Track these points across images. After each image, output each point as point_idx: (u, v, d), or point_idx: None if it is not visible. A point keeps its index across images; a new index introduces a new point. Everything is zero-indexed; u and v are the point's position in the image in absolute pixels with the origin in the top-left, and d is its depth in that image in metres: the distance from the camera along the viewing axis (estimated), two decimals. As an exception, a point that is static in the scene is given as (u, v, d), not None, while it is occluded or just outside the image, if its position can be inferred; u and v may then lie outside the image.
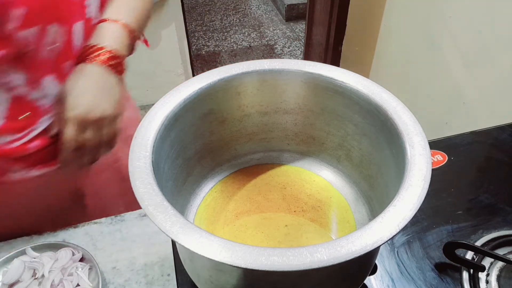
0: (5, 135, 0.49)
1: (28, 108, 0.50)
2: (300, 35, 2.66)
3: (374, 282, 0.49)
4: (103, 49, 0.53)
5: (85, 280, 0.47)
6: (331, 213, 0.47)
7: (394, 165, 0.38)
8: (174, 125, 0.40)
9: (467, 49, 1.11)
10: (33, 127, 0.51)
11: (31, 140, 0.51)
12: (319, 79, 0.44)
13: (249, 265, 0.26)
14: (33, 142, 0.51)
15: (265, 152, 0.53)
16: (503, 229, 0.54)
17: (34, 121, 0.51)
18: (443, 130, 1.26)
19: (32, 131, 0.51)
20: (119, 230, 0.56)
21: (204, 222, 0.46)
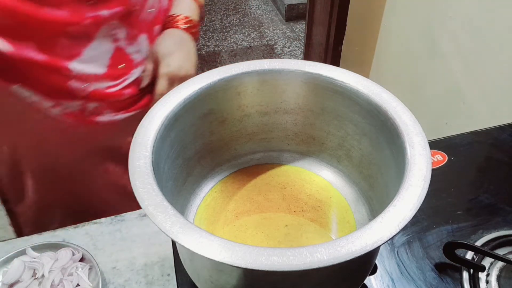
0: (106, 81, 0.57)
1: (124, 59, 0.58)
2: (300, 35, 2.66)
3: (374, 282, 0.49)
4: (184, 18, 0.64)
5: (85, 280, 0.47)
6: (331, 213, 0.47)
7: (394, 165, 0.38)
8: (174, 125, 0.40)
9: (467, 49, 1.11)
10: (126, 76, 0.59)
11: (125, 87, 0.59)
12: (319, 79, 0.44)
13: (249, 265, 0.26)
14: (126, 89, 0.60)
15: (265, 152, 0.53)
16: (503, 229, 0.54)
17: (128, 71, 0.59)
18: (443, 130, 1.26)
19: (125, 80, 0.59)
20: (119, 230, 0.56)
21: (204, 222, 0.46)
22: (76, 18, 0.50)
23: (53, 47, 0.51)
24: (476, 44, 1.07)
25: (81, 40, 0.52)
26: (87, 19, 0.50)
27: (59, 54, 0.51)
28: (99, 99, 0.57)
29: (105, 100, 0.58)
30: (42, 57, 0.50)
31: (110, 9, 0.52)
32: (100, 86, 0.57)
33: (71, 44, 0.52)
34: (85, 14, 0.50)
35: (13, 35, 0.48)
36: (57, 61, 0.52)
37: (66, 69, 0.52)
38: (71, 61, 0.52)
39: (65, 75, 0.53)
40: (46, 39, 0.50)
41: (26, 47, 0.49)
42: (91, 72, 0.55)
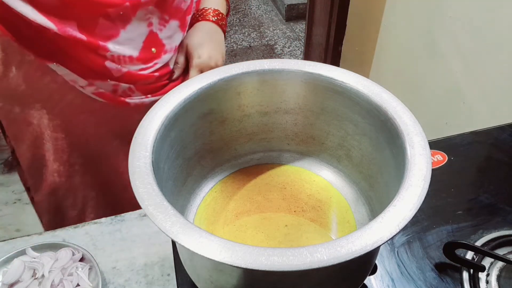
0: (139, 63, 0.59)
1: (157, 43, 0.60)
2: (300, 35, 2.66)
3: (374, 282, 0.49)
4: (214, 11, 0.67)
5: (85, 280, 0.47)
6: (331, 213, 0.47)
7: (394, 165, 0.38)
8: (174, 125, 0.40)
9: (467, 49, 1.11)
10: (157, 60, 0.61)
11: (155, 71, 0.62)
12: (319, 79, 0.44)
13: (249, 265, 0.26)
14: (156, 73, 0.62)
15: (265, 152, 0.53)
16: (503, 229, 0.54)
17: (158, 55, 0.61)
18: (443, 130, 1.26)
19: (156, 64, 0.61)
20: (119, 230, 0.56)
21: (204, 222, 0.46)
22: (117, 0, 0.52)
23: (93, 27, 0.53)
24: (476, 44, 1.07)
25: (119, 22, 0.54)
26: (126, 1, 0.53)
27: (98, 34, 0.54)
28: (131, 81, 0.60)
29: (136, 82, 0.60)
30: (83, 36, 0.53)
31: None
32: (133, 68, 0.59)
33: (109, 25, 0.54)
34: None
35: (57, 14, 0.50)
36: (96, 41, 0.54)
37: (104, 49, 0.55)
38: (109, 41, 0.55)
39: (103, 55, 0.55)
40: (87, 19, 0.52)
41: (69, 25, 0.51)
42: (126, 54, 0.57)
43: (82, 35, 0.53)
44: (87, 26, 0.53)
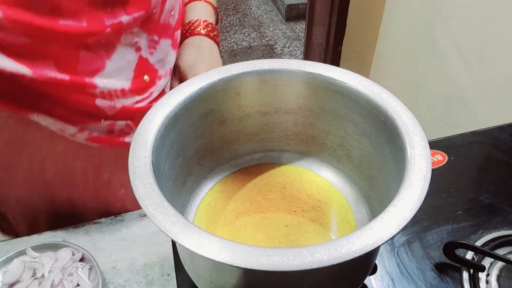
0: (133, 95, 0.53)
1: (148, 70, 0.54)
2: (300, 35, 2.66)
3: (374, 282, 0.49)
4: (204, 23, 0.61)
5: (85, 280, 0.47)
6: (331, 213, 0.47)
7: (394, 165, 0.38)
8: (174, 125, 0.40)
9: (467, 49, 1.11)
10: (152, 88, 0.55)
11: (153, 101, 0.55)
12: (319, 79, 0.44)
13: (249, 265, 0.26)
14: (154, 102, 0.54)
15: (265, 152, 0.53)
16: (503, 229, 0.54)
17: (153, 83, 0.55)
18: (443, 130, 1.26)
19: (152, 93, 0.55)
20: (119, 230, 0.56)
21: (204, 222, 0.46)
22: (95, 27, 0.46)
23: (75, 64, 0.46)
24: (476, 44, 1.07)
25: (103, 52, 0.48)
26: (107, 27, 0.47)
27: (82, 70, 0.47)
28: (127, 117, 0.53)
29: (134, 117, 0.54)
30: (64, 76, 0.46)
31: (129, 14, 0.48)
32: (127, 102, 0.52)
33: (93, 58, 0.48)
34: (105, 22, 0.46)
35: (30, 55, 0.44)
36: (81, 78, 0.47)
37: (91, 86, 0.48)
38: (95, 76, 0.48)
39: (91, 94, 0.48)
40: (66, 55, 0.46)
41: (46, 66, 0.44)
42: (117, 87, 0.50)
43: (63, 75, 0.45)
44: (66, 63, 0.46)
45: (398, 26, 1.37)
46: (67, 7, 0.43)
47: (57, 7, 0.43)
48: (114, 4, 0.47)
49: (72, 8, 0.44)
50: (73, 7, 0.44)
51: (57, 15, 0.43)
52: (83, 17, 0.45)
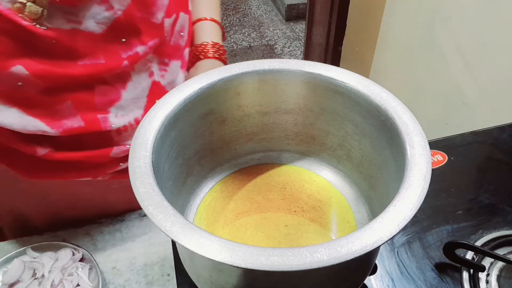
0: None
1: (160, 93, 0.52)
2: (300, 35, 2.66)
3: (374, 282, 0.49)
4: (213, 45, 0.60)
5: (85, 280, 0.47)
6: (331, 213, 0.47)
7: (394, 165, 0.38)
8: (174, 125, 0.40)
9: (467, 49, 1.11)
10: None
11: None
12: (319, 79, 0.44)
13: (249, 265, 0.26)
14: None
15: (265, 152, 0.53)
16: (503, 229, 0.54)
17: None
18: (443, 130, 1.26)
19: None
20: (119, 230, 0.56)
21: (204, 222, 0.46)
22: (113, 62, 0.46)
23: (91, 98, 0.47)
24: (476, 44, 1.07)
25: (119, 83, 0.48)
26: (123, 60, 0.47)
27: (98, 103, 0.47)
28: None
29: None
30: (80, 123, 0.46)
31: (145, 44, 0.48)
32: None
33: (108, 90, 0.48)
34: (121, 55, 0.47)
35: (49, 104, 0.44)
36: (95, 120, 0.47)
37: (105, 125, 0.48)
38: (111, 107, 0.48)
39: (107, 138, 0.49)
40: (82, 92, 0.46)
41: (63, 111, 0.45)
42: (130, 119, 0.50)
43: (79, 120, 0.46)
44: (83, 99, 0.46)
45: (398, 26, 1.37)
46: (83, 47, 0.44)
47: (74, 50, 0.43)
48: (128, 34, 0.47)
49: (88, 47, 0.44)
50: (88, 45, 0.44)
51: (75, 57, 0.44)
52: (100, 53, 0.45)
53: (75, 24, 0.42)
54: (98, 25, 0.43)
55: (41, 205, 0.57)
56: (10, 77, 0.41)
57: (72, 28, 0.42)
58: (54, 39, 0.41)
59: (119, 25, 0.45)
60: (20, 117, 0.43)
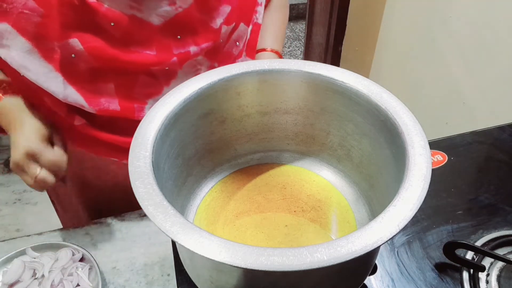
0: None
1: None
2: (300, 35, 2.66)
3: (374, 282, 0.49)
4: (270, 53, 0.61)
5: (85, 280, 0.47)
6: (331, 213, 0.47)
7: (394, 165, 0.38)
8: (174, 125, 0.40)
9: (467, 49, 1.11)
10: None
11: None
12: (319, 79, 0.44)
13: (249, 265, 0.26)
14: None
15: (265, 152, 0.53)
16: (503, 229, 0.54)
17: None
18: (443, 130, 1.26)
19: None
20: (119, 230, 0.56)
21: (204, 222, 0.46)
22: (163, 57, 0.48)
23: (131, 87, 0.49)
24: (476, 44, 1.07)
25: (163, 79, 0.50)
26: (173, 56, 0.48)
27: (137, 93, 0.49)
28: None
29: None
30: (116, 107, 0.49)
31: (198, 45, 0.49)
32: None
33: (151, 83, 0.49)
34: (173, 51, 0.48)
35: (92, 80, 0.47)
36: (131, 108, 0.50)
37: (139, 115, 0.51)
38: (149, 99, 0.50)
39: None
40: (125, 79, 0.48)
41: (104, 91, 0.48)
42: None
43: (115, 104, 0.49)
44: (124, 86, 0.49)
45: (398, 26, 1.37)
46: (138, 35, 0.46)
47: (130, 36, 0.45)
48: (184, 32, 0.48)
49: (143, 36, 0.46)
50: (144, 34, 0.46)
51: (129, 43, 0.46)
52: (154, 44, 0.47)
53: (136, 11, 0.44)
54: (158, 17, 0.45)
55: (76, 169, 0.60)
56: (66, 48, 0.43)
57: (132, 14, 0.44)
58: (113, 21, 0.43)
59: (177, 22, 0.46)
60: (64, 87, 0.46)
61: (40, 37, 0.43)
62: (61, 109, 0.49)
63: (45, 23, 0.42)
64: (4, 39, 0.42)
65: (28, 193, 1.53)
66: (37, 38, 0.43)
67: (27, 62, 0.44)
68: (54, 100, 0.47)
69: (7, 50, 0.43)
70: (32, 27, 0.42)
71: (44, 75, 0.45)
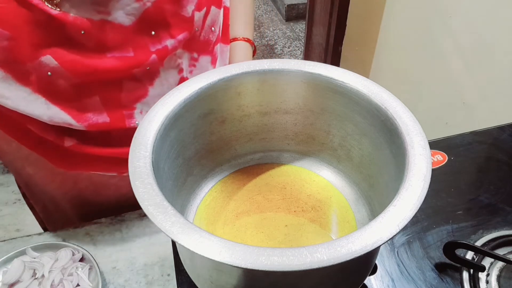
0: None
1: None
2: (300, 35, 2.66)
3: (374, 282, 0.49)
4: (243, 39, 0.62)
5: (85, 280, 0.47)
6: (331, 213, 0.47)
7: (394, 165, 0.38)
8: (174, 125, 0.40)
9: (467, 49, 1.11)
10: None
11: None
12: (319, 79, 0.44)
13: (249, 265, 0.26)
14: None
15: (265, 152, 0.53)
16: (503, 229, 0.54)
17: None
18: (443, 130, 1.26)
19: None
20: (119, 230, 0.56)
21: (204, 222, 0.46)
22: (141, 55, 0.46)
23: (118, 94, 0.47)
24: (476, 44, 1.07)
25: (146, 80, 0.49)
26: (152, 53, 0.47)
27: (125, 99, 0.48)
28: None
29: None
30: (105, 119, 0.48)
31: (174, 38, 0.48)
32: None
33: (136, 86, 0.48)
34: (150, 48, 0.47)
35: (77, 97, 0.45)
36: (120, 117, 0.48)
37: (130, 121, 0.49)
38: (137, 103, 0.49)
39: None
40: (110, 87, 0.47)
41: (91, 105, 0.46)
42: None
43: (104, 116, 0.47)
44: (110, 95, 0.47)
45: (398, 26, 1.36)
46: (112, 39, 0.44)
47: (103, 41, 0.43)
48: (157, 27, 0.46)
49: (117, 39, 0.44)
50: (117, 37, 0.44)
51: (104, 49, 0.44)
52: (129, 46, 0.45)
53: (104, 15, 0.42)
54: (127, 16, 0.44)
55: (71, 191, 0.59)
56: (40, 67, 0.41)
57: (101, 19, 0.42)
58: (83, 29, 0.41)
59: (148, 17, 0.45)
60: (48, 108, 0.44)
61: (11, 61, 0.40)
62: (48, 134, 0.47)
63: (13, 45, 0.39)
64: None
65: (28, 193, 1.53)
66: (8, 62, 0.40)
67: (4, 90, 0.41)
68: (39, 126, 0.46)
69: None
70: (0, 53, 0.39)
71: (23, 100, 0.43)
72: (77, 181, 0.57)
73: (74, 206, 0.61)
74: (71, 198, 0.60)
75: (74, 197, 0.60)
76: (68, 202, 0.61)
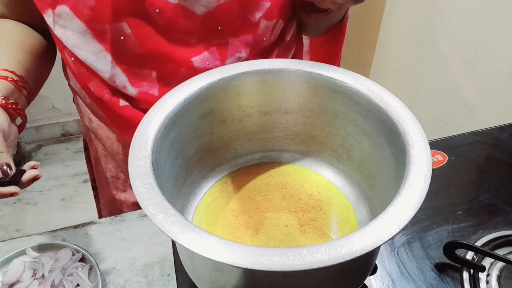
0: None
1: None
2: (300, 35, 2.65)
3: (374, 282, 0.49)
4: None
5: (85, 280, 0.47)
6: (331, 213, 0.47)
7: (394, 165, 0.38)
8: (174, 125, 0.40)
9: (467, 49, 1.11)
10: None
11: None
12: (319, 79, 0.44)
13: (249, 265, 0.26)
14: None
15: (265, 152, 0.53)
16: (503, 229, 0.54)
17: None
18: (443, 130, 1.26)
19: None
20: (119, 230, 0.56)
21: (203, 222, 0.46)
22: (203, 46, 0.51)
23: (173, 79, 0.51)
24: (476, 44, 1.07)
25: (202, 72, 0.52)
26: (212, 46, 0.51)
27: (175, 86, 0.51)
28: None
29: None
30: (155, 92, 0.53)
31: (237, 37, 0.52)
32: None
33: (190, 76, 0.51)
34: (212, 41, 0.51)
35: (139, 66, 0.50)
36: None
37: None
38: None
39: None
40: (168, 71, 0.51)
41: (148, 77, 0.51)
42: None
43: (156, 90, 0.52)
44: (166, 77, 0.52)
45: (398, 26, 1.36)
46: (182, 23, 0.48)
47: (173, 24, 0.48)
48: (224, 24, 0.50)
49: (186, 24, 0.48)
50: (187, 23, 0.48)
51: (172, 31, 0.48)
52: (195, 33, 0.49)
53: (182, 1, 0.46)
54: (201, 7, 0.48)
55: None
56: (116, 31, 0.47)
57: (178, 3, 0.47)
58: (158, 8, 0.46)
59: (219, 12, 0.49)
60: (112, 67, 0.50)
61: (93, 20, 0.46)
62: (105, 93, 0.52)
63: (98, 7, 0.45)
64: (63, 20, 0.46)
65: (28, 193, 1.53)
66: (90, 20, 0.46)
67: (81, 42, 0.47)
68: (98, 85, 0.51)
69: (64, 30, 0.47)
70: (87, 10, 0.45)
71: (94, 55, 0.48)
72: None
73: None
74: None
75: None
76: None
